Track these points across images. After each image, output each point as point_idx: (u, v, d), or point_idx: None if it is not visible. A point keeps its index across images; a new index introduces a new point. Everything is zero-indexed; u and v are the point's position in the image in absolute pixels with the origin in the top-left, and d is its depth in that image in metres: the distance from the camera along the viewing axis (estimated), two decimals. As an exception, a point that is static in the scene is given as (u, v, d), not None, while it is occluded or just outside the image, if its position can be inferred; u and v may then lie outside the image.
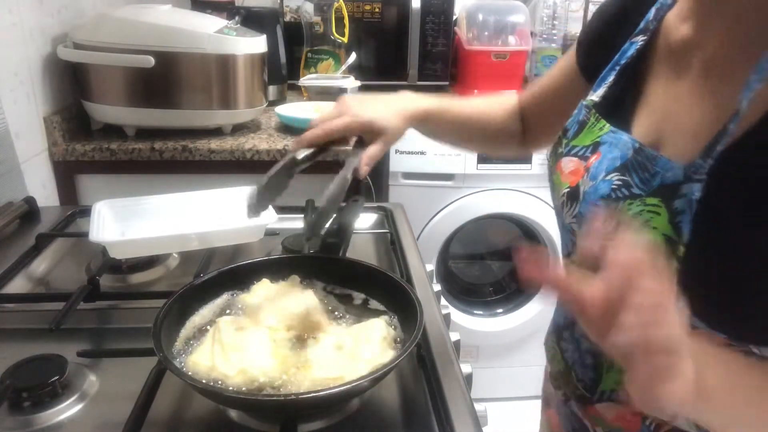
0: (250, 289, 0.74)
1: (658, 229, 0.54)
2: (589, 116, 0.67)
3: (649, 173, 0.57)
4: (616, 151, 0.62)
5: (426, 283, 0.91)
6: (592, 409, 0.68)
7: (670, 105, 0.61)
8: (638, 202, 0.57)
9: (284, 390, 0.58)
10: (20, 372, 0.64)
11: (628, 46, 0.67)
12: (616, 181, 0.60)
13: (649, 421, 0.63)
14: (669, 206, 0.54)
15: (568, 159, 0.68)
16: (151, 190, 1.02)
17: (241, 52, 1.44)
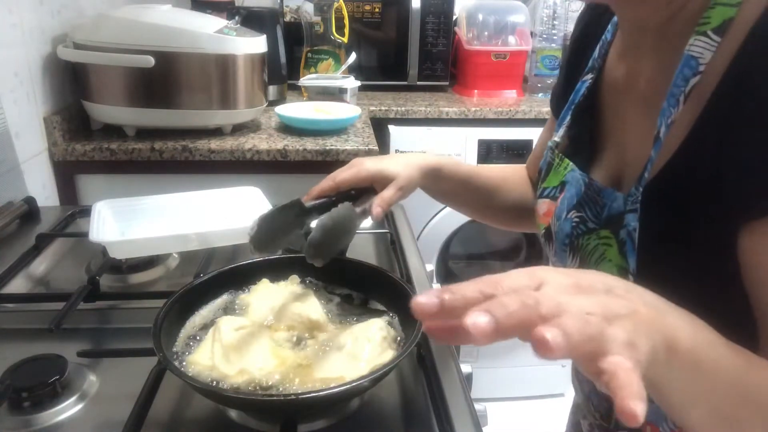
0: (250, 289, 0.75)
1: (613, 261, 0.56)
2: (554, 157, 0.70)
3: (599, 206, 0.59)
4: (573, 189, 0.64)
5: (426, 283, 0.91)
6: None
7: (623, 141, 0.62)
8: (594, 235, 0.59)
9: (284, 390, 0.58)
10: (20, 372, 0.64)
11: (579, 86, 0.69)
12: (574, 219, 0.62)
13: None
14: (617, 237, 0.56)
15: (542, 201, 0.70)
16: (151, 190, 1.02)
17: (241, 52, 1.44)
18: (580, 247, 0.60)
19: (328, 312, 0.72)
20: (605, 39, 0.67)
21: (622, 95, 0.63)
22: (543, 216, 0.69)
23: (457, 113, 1.89)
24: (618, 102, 0.64)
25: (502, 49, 2.09)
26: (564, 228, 0.64)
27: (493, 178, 0.89)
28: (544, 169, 0.71)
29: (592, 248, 0.59)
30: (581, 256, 0.60)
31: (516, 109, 1.91)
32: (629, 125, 0.61)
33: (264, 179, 1.24)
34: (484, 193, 0.88)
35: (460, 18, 2.14)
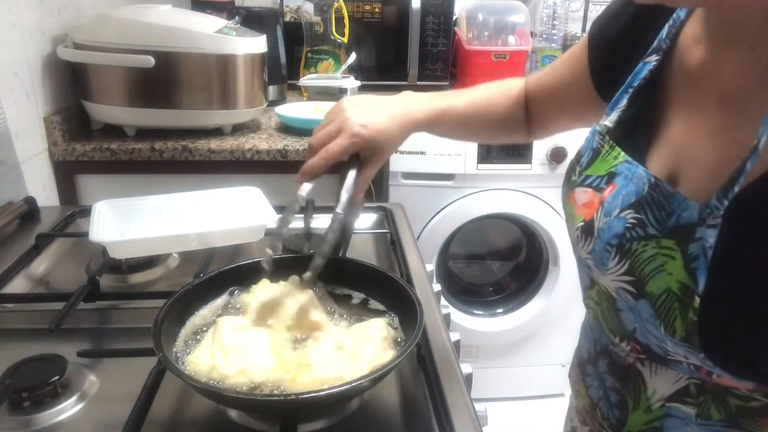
0: (250, 289, 0.74)
1: (673, 275, 0.50)
2: (603, 143, 0.62)
3: (665, 212, 0.53)
4: (632, 186, 0.57)
5: (426, 283, 0.91)
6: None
7: (687, 136, 0.56)
8: (653, 243, 0.53)
9: (284, 390, 0.58)
10: (20, 372, 0.64)
11: (641, 67, 0.62)
12: (630, 219, 0.56)
13: None
14: (684, 250, 0.50)
15: (582, 189, 0.63)
16: (151, 190, 1.02)
17: (241, 52, 1.44)
18: (633, 253, 0.54)
19: (328, 312, 0.72)
20: (677, 17, 0.60)
21: (694, 85, 0.56)
22: (581, 207, 0.62)
23: (457, 113, 1.88)
24: (684, 93, 0.58)
25: (502, 49, 2.09)
26: (614, 227, 0.57)
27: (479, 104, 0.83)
28: (587, 154, 0.65)
29: (649, 257, 0.53)
30: (632, 263, 0.55)
31: (516, 109, 1.91)
32: (699, 120, 0.55)
33: (264, 179, 1.23)
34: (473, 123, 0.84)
35: (460, 18, 2.14)
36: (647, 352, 0.58)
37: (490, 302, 2.18)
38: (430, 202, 1.92)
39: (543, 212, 1.93)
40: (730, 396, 0.54)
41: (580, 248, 0.63)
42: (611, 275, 0.57)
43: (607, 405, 0.66)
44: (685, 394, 0.57)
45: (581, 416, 0.74)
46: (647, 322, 0.54)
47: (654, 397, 0.59)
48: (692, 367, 0.55)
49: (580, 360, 0.73)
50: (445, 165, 1.87)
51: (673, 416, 0.58)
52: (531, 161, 1.88)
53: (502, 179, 1.90)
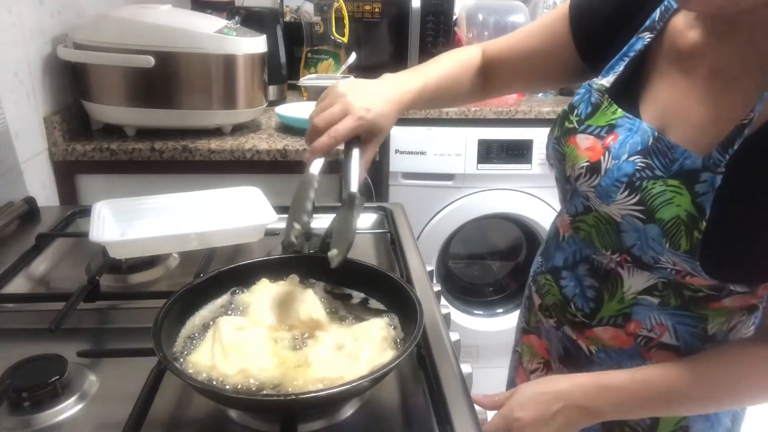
0: (250, 289, 0.74)
1: (682, 206, 0.64)
2: (602, 100, 0.75)
3: (669, 159, 0.66)
4: (637, 137, 0.70)
5: (426, 283, 0.91)
6: (589, 332, 0.79)
7: (675, 98, 0.69)
8: (660, 182, 0.66)
9: (284, 390, 0.58)
10: (20, 372, 0.64)
11: (635, 41, 0.74)
12: (639, 163, 0.68)
13: (640, 338, 0.75)
14: (690, 189, 0.63)
15: (584, 136, 0.75)
16: (151, 190, 1.02)
17: (241, 52, 1.44)
18: (643, 189, 0.67)
19: (328, 312, 0.72)
20: (670, 5, 0.72)
21: (684, 60, 0.69)
22: (585, 150, 0.74)
23: (457, 113, 1.89)
24: (674, 66, 0.70)
25: (502, 49, 2.09)
26: (624, 168, 0.70)
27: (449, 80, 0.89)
28: (583, 106, 0.76)
29: (658, 192, 0.66)
30: (642, 196, 0.67)
31: (516, 109, 1.91)
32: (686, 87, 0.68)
33: (264, 179, 1.24)
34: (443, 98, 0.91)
35: (460, 18, 2.14)
36: (636, 261, 0.72)
37: (490, 302, 2.18)
38: (430, 202, 1.92)
39: (543, 212, 1.93)
40: (686, 289, 0.71)
41: (580, 183, 0.75)
42: (619, 205, 0.70)
43: (583, 299, 0.79)
44: (653, 288, 0.73)
45: (547, 311, 0.87)
46: (653, 240, 0.67)
47: (628, 292, 0.75)
48: (673, 271, 0.69)
49: (552, 268, 0.85)
50: (445, 165, 1.87)
51: (641, 305, 0.74)
52: (531, 161, 1.88)
53: (502, 179, 1.90)
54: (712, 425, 0.79)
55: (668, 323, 0.73)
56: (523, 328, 0.99)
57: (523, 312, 0.99)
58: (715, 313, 0.72)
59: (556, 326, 0.85)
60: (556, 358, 0.88)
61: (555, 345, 0.87)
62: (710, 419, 0.79)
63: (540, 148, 1.86)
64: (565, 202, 0.82)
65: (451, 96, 0.92)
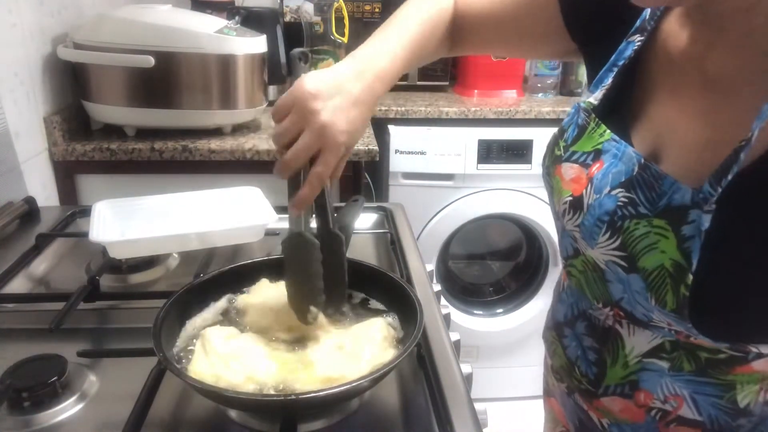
0: (250, 290, 0.74)
1: (667, 253, 0.53)
2: (588, 121, 0.64)
3: (656, 193, 0.55)
4: (621, 165, 0.59)
5: (426, 283, 0.91)
6: (597, 402, 0.69)
7: (670, 116, 0.59)
8: (645, 222, 0.55)
9: (292, 390, 0.58)
10: (20, 372, 0.64)
11: (624, 46, 0.63)
12: (621, 198, 0.58)
13: (654, 411, 0.64)
14: (677, 231, 0.52)
15: (569, 165, 0.65)
16: (151, 190, 1.02)
17: (241, 52, 1.44)
18: (625, 230, 0.56)
19: (328, 311, 0.72)
20: None
21: (677, 67, 0.58)
22: (570, 182, 0.64)
23: (457, 113, 1.89)
24: (667, 75, 0.60)
25: (502, 49, 2.09)
26: (605, 204, 0.59)
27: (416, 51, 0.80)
28: (571, 129, 0.66)
29: (641, 235, 0.55)
30: (624, 239, 0.57)
31: (516, 109, 1.91)
32: (681, 102, 0.57)
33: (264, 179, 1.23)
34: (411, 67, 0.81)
35: (460, 18, 2.14)
36: (630, 317, 0.62)
37: (490, 302, 2.18)
38: (430, 202, 1.92)
39: (543, 212, 1.93)
40: (701, 350, 0.59)
41: (566, 221, 0.65)
42: (601, 249, 0.60)
43: (585, 363, 0.69)
44: (660, 350, 0.61)
45: (558, 374, 0.76)
46: (637, 294, 0.57)
47: (631, 354, 0.63)
48: (673, 331, 0.58)
49: (556, 323, 0.75)
50: (445, 165, 1.87)
51: (649, 370, 0.62)
52: (531, 161, 1.88)
53: (502, 179, 1.90)
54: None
55: (684, 393, 0.61)
56: (544, 389, 0.87)
57: (544, 371, 0.87)
58: (744, 378, 0.58)
59: (568, 392, 0.75)
60: (573, 429, 0.77)
61: (570, 414, 0.76)
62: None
63: (540, 147, 1.86)
64: (559, 243, 0.72)
65: (417, 62, 0.81)
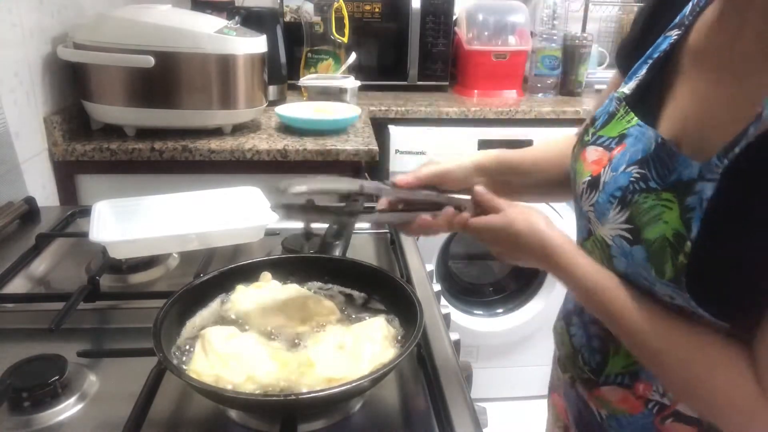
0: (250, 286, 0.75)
1: (669, 223, 0.55)
2: (618, 108, 0.68)
3: (668, 169, 0.57)
4: (640, 145, 0.62)
5: (426, 283, 0.91)
6: (597, 391, 0.71)
7: (694, 103, 0.61)
8: (653, 195, 0.58)
9: (293, 390, 0.58)
10: (20, 372, 0.64)
11: (662, 40, 0.66)
12: (634, 174, 0.61)
13: (652, 404, 0.65)
14: (681, 202, 0.55)
15: (593, 148, 0.68)
16: (151, 190, 1.02)
17: (241, 52, 1.44)
18: (634, 203, 0.59)
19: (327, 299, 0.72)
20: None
21: (706, 59, 0.61)
22: (591, 163, 0.68)
23: (457, 113, 1.89)
24: (699, 65, 0.62)
25: (502, 49, 2.09)
26: (619, 180, 0.62)
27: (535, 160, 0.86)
28: (601, 117, 0.70)
29: (648, 207, 0.58)
30: (632, 212, 0.59)
31: (516, 109, 1.91)
32: (706, 89, 0.60)
33: (264, 179, 1.23)
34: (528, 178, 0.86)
35: (460, 18, 2.14)
36: None
37: (490, 302, 2.18)
38: (430, 202, 1.91)
39: (543, 212, 1.92)
40: None
41: (583, 201, 0.68)
42: (610, 224, 0.62)
43: (589, 351, 0.72)
44: None
45: (563, 365, 0.79)
46: (639, 266, 0.59)
47: None
48: (676, 309, 0.58)
49: (566, 312, 0.79)
50: (445, 165, 1.86)
51: None
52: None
53: (502, 179, 1.90)
54: None
55: None
56: (550, 384, 0.89)
57: (552, 367, 0.89)
58: None
59: (571, 383, 0.77)
60: (572, 423, 0.79)
61: (571, 406, 0.78)
62: None
63: (540, 148, 1.86)
64: (576, 227, 0.74)
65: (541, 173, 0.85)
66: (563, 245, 0.64)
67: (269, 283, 0.75)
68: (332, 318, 0.70)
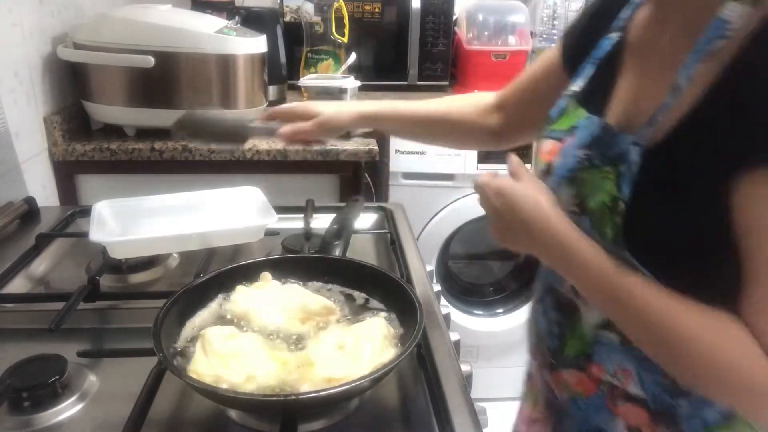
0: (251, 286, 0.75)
1: (607, 190, 0.62)
2: (569, 104, 0.74)
3: (609, 147, 0.64)
4: (587, 132, 0.68)
5: (426, 283, 0.91)
6: (558, 375, 0.75)
7: (630, 92, 0.68)
8: (596, 171, 0.64)
9: (290, 390, 0.58)
10: (20, 372, 0.64)
11: (603, 42, 0.74)
12: (581, 155, 0.67)
13: (604, 385, 0.69)
14: (617, 171, 0.61)
15: (547, 141, 0.75)
16: (151, 190, 1.02)
17: (241, 52, 1.44)
18: (580, 180, 0.66)
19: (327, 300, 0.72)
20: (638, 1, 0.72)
21: (644, 54, 0.68)
22: (545, 154, 0.74)
23: (457, 113, 1.88)
24: (638, 60, 0.69)
25: (502, 49, 2.09)
26: (568, 163, 0.69)
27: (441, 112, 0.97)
28: (555, 115, 0.76)
29: (592, 180, 0.64)
30: (579, 188, 0.66)
31: (516, 109, 1.91)
32: (646, 80, 0.66)
33: (264, 179, 1.23)
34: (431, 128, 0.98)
35: (460, 18, 2.14)
36: None
37: (490, 302, 2.18)
38: (430, 202, 1.92)
39: (543, 212, 1.93)
40: None
41: None
42: (563, 205, 0.66)
43: (551, 336, 0.76)
44: (611, 321, 0.65)
45: (532, 352, 0.83)
46: (587, 234, 0.63)
47: (587, 326, 0.70)
48: None
49: (535, 300, 0.82)
50: (445, 165, 1.87)
51: (602, 343, 0.69)
52: (531, 161, 1.88)
53: (502, 179, 1.90)
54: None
55: (632, 368, 0.66)
56: (528, 371, 0.92)
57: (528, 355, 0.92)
58: None
59: (539, 369, 0.81)
60: (543, 406, 0.82)
61: (541, 390, 0.82)
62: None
63: (540, 148, 1.86)
64: None
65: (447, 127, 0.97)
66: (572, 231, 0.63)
67: (269, 283, 0.75)
68: (332, 318, 0.70)
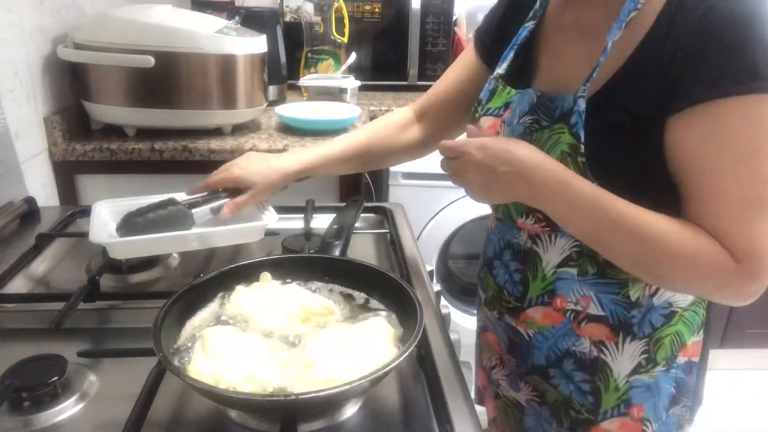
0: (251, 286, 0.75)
1: (564, 141, 0.71)
2: (497, 85, 0.83)
3: (551, 109, 0.74)
4: (524, 103, 0.77)
5: (426, 283, 0.91)
6: (524, 315, 0.84)
7: (560, 60, 0.79)
8: (547, 131, 0.74)
9: (290, 390, 0.58)
10: (20, 372, 0.64)
11: (521, 31, 0.83)
12: (527, 121, 0.76)
13: (569, 313, 0.79)
14: (568, 124, 0.71)
15: (486, 118, 0.83)
16: (151, 190, 1.02)
17: (241, 52, 1.44)
18: (535, 141, 0.74)
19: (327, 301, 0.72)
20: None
21: (564, 34, 0.79)
22: (489, 129, 0.82)
23: (457, 113, 1.88)
24: (558, 40, 0.80)
25: (502, 49, 2.09)
26: (517, 130, 0.78)
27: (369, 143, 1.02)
28: (485, 96, 0.85)
29: (547, 138, 0.73)
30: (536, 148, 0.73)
31: (516, 109, 1.91)
32: (569, 54, 0.78)
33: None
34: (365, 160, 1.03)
35: (460, 18, 2.14)
36: (548, 221, 0.76)
37: (490, 302, 2.18)
38: (430, 202, 1.92)
39: (543, 212, 1.93)
40: (599, 255, 0.73)
41: None
42: None
43: (512, 284, 0.85)
44: (569, 259, 0.77)
45: (490, 304, 0.91)
46: None
47: (547, 267, 0.79)
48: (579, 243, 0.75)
49: (487, 260, 0.91)
50: (445, 165, 1.86)
51: (562, 279, 0.79)
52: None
53: (502, 179, 1.90)
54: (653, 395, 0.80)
55: (591, 293, 0.77)
56: (479, 327, 1.01)
57: (477, 312, 1.01)
58: (633, 277, 0.74)
59: (498, 317, 0.89)
60: (504, 350, 0.91)
61: (501, 337, 0.91)
62: (651, 390, 0.79)
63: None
64: None
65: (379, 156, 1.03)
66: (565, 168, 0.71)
67: (269, 283, 0.75)
68: (332, 318, 0.70)
